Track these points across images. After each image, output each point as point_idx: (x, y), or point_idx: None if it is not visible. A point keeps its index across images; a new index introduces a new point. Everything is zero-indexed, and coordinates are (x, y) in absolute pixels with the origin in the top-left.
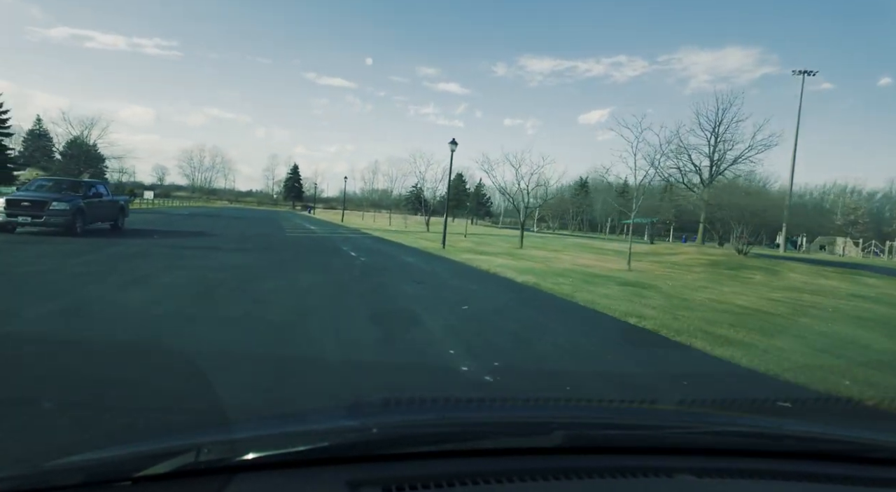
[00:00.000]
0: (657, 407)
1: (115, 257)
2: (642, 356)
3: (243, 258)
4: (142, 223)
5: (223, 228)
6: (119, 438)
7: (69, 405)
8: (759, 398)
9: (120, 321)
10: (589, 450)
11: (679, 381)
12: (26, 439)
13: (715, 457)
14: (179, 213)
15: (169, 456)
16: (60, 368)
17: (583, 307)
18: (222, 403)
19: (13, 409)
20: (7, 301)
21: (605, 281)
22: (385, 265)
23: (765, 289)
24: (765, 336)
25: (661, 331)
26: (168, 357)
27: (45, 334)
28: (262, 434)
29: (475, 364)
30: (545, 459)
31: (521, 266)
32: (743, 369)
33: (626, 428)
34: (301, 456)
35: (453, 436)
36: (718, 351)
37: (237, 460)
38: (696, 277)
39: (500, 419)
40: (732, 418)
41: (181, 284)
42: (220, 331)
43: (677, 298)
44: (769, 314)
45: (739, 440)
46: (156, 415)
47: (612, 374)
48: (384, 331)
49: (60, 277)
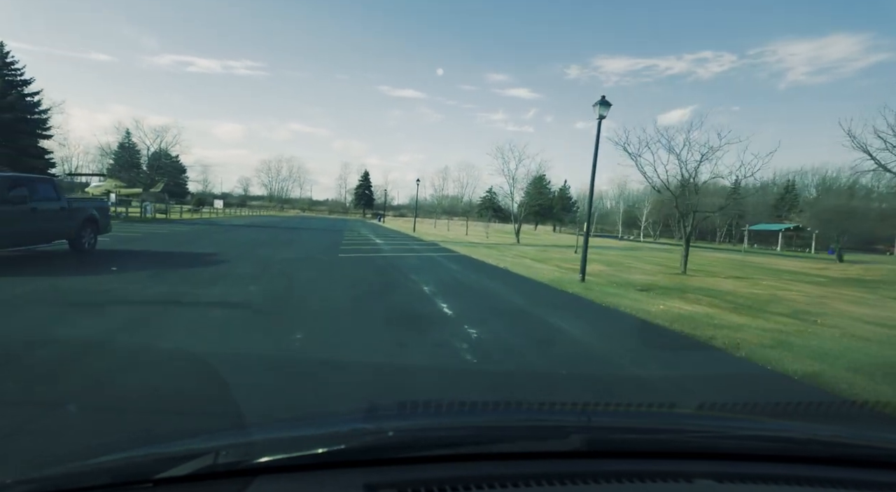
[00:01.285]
0: (676, 411)
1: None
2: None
3: (202, 335)
4: (154, 240)
5: (256, 247)
6: (140, 440)
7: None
8: (783, 402)
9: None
10: (607, 454)
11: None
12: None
13: (737, 461)
14: (233, 223)
15: (189, 458)
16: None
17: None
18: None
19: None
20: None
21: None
22: (538, 362)
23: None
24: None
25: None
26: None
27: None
28: (279, 437)
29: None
30: (562, 463)
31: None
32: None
33: (645, 432)
34: (318, 459)
35: (469, 439)
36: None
37: (255, 462)
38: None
39: (516, 423)
40: (755, 421)
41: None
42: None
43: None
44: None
45: (763, 445)
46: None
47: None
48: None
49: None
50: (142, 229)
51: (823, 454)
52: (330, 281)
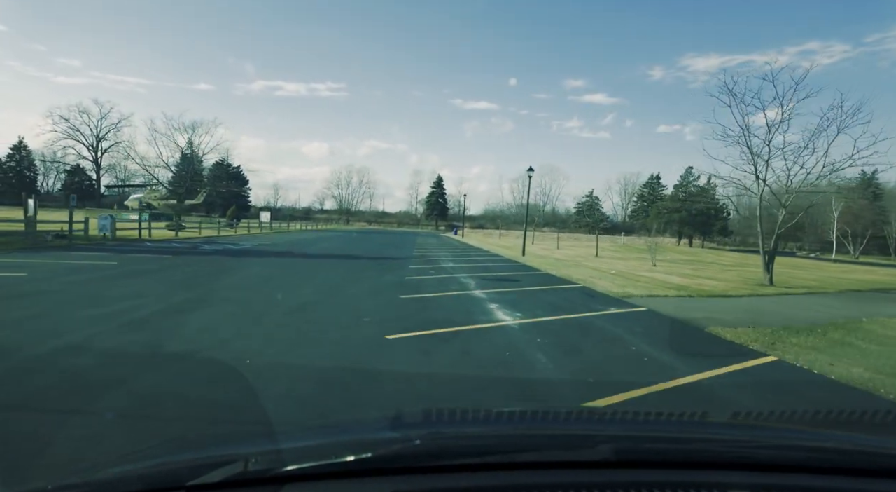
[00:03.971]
0: (710, 419)
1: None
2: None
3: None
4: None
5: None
6: (174, 446)
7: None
8: (823, 410)
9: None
10: (637, 464)
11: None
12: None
13: (775, 473)
14: (274, 241)
15: (219, 465)
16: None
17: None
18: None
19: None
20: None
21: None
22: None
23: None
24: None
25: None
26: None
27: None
28: (307, 445)
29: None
30: (591, 473)
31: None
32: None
33: (677, 441)
34: (346, 467)
35: (496, 448)
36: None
37: (284, 470)
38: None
39: (544, 432)
40: (794, 431)
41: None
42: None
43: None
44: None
45: (803, 455)
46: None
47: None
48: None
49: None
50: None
51: (869, 466)
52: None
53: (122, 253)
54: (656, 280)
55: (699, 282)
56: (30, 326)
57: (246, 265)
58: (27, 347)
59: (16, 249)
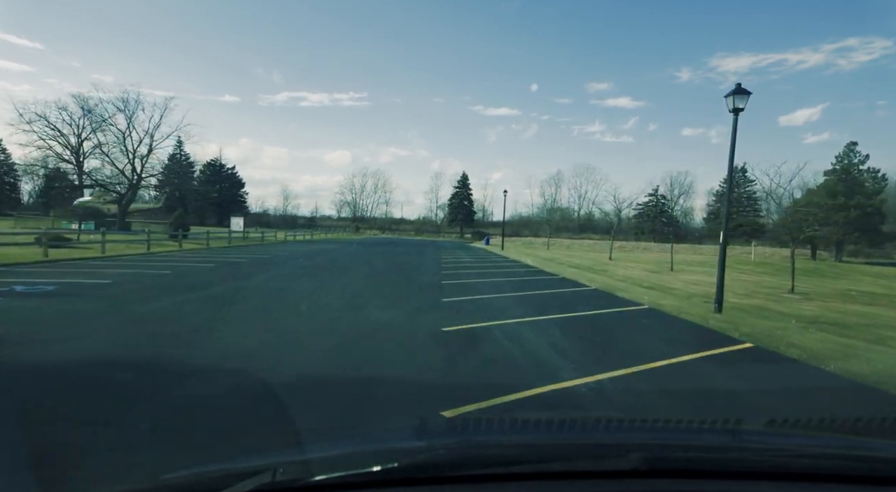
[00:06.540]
0: (744, 427)
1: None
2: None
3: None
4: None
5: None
6: (205, 457)
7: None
8: (864, 417)
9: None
10: (668, 473)
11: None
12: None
13: (812, 482)
14: (157, 274)
15: (248, 475)
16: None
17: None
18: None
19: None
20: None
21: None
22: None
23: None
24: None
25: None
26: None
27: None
28: (333, 454)
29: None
30: (621, 482)
31: None
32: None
33: (710, 450)
34: (371, 477)
35: (522, 458)
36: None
37: (312, 480)
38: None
39: (571, 441)
40: (833, 439)
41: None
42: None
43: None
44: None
45: (842, 464)
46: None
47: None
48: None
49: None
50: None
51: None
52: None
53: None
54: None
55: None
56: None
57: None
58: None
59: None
